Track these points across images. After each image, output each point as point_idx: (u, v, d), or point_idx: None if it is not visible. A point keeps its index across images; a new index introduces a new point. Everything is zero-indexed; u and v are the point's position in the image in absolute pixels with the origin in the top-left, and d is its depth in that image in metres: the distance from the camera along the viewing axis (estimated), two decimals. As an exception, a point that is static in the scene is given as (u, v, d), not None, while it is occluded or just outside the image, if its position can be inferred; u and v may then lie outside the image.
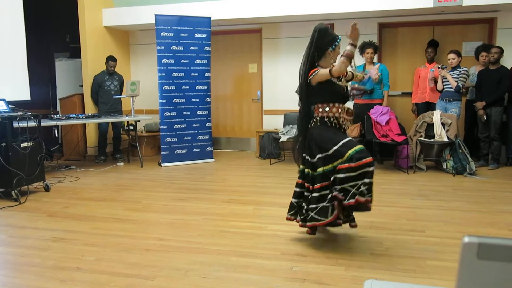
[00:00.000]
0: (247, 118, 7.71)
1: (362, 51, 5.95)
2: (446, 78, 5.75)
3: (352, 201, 2.83)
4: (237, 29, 7.39)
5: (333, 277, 2.65)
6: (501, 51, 5.71)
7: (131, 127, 6.61)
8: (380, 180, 5.04)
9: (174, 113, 6.39)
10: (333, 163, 2.93)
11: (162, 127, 6.36)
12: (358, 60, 6.18)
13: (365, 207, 2.89)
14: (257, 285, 2.57)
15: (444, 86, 5.82)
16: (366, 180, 2.82)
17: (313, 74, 2.99)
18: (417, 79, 6.31)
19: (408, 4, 5.85)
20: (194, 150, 6.58)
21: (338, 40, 3.05)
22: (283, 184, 5.20)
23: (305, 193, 3.10)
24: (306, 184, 3.10)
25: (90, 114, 6.37)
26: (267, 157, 6.76)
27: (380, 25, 6.73)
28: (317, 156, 2.99)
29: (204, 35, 6.45)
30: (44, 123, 5.30)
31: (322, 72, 2.96)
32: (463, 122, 6.21)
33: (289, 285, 2.55)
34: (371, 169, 2.83)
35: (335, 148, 2.91)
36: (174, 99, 6.37)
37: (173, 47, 6.28)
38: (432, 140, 5.70)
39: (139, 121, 6.61)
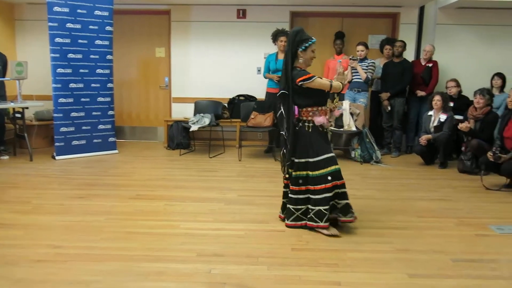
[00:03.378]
0: (154, 106, 7.23)
1: (275, 39, 5.85)
2: (355, 69, 5.89)
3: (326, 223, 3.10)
4: (144, 9, 6.83)
5: (256, 278, 2.47)
6: (404, 45, 6.01)
7: (18, 115, 5.76)
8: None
9: (70, 100, 5.69)
10: (307, 171, 3.16)
11: (56, 115, 5.63)
12: (271, 49, 6.12)
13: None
14: (173, 294, 2.29)
15: (353, 77, 5.97)
16: (342, 202, 3.13)
17: (309, 80, 3.02)
18: (327, 70, 6.40)
19: (320, -7, 5.88)
20: (95, 140, 5.95)
21: (309, 42, 3.08)
22: (194, 176, 4.92)
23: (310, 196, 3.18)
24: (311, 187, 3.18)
25: (-35, 99, 5.41)
26: (176, 148, 6.40)
27: (292, 13, 6.69)
28: (312, 159, 3.14)
29: (106, 13, 5.81)
30: None
31: (321, 83, 3.07)
32: (369, 112, 6.46)
33: (209, 292, 2.31)
34: (342, 190, 3.13)
35: (318, 158, 3.11)
36: (71, 84, 5.67)
37: (68, 24, 5.56)
38: (342, 129, 5.83)
39: (27, 108, 5.78)
